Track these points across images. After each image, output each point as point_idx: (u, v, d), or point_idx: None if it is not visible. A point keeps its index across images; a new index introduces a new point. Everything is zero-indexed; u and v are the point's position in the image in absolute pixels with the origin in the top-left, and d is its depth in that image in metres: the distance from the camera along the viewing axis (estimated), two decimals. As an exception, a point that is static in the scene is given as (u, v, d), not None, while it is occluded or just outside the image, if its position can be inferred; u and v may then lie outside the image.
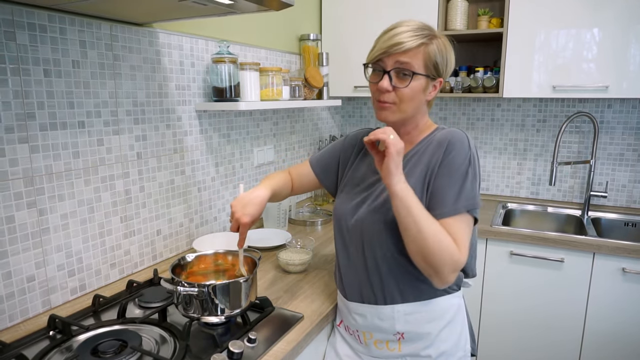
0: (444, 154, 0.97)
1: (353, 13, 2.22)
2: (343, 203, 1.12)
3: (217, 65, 1.49)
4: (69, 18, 1.13)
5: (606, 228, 2.09)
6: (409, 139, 1.07)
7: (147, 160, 1.40)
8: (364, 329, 1.09)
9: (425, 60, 0.97)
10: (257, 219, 1.11)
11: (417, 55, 0.97)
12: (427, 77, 0.99)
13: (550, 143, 2.27)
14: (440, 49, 0.99)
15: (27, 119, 1.07)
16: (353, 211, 1.08)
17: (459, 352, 1.08)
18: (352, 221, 1.07)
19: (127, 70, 1.30)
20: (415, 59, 0.97)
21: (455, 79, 2.17)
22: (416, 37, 0.96)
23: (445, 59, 1.00)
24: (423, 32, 0.97)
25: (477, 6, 2.24)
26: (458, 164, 0.96)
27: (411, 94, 0.98)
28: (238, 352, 0.93)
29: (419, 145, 1.05)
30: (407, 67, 0.97)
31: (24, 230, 1.09)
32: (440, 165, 0.97)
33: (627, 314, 1.73)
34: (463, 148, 0.97)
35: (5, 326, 1.07)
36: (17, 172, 1.06)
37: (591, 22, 1.82)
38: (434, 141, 1.01)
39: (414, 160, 1.03)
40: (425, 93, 1.01)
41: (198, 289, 0.99)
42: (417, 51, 0.96)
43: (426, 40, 0.97)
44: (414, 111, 1.02)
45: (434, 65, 0.98)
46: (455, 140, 0.98)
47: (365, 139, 0.92)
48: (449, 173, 0.96)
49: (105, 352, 0.94)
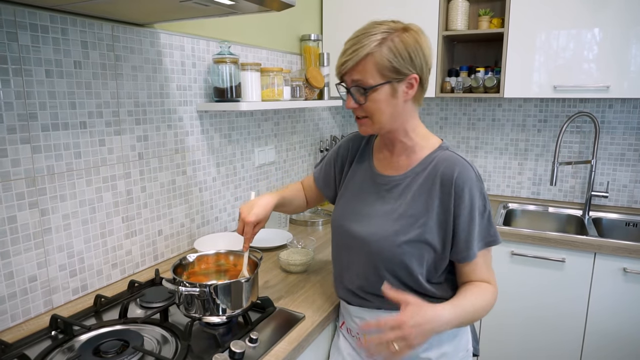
0: (456, 194, 0.94)
1: (354, 13, 2.22)
2: (343, 210, 1.11)
3: (218, 66, 1.49)
4: (70, 18, 1.13)
5: (607, 228, 2.09)
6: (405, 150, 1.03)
7: (149, 161, 1.41)
8: (365, 332, 1.09)
9: (378, 68, 0.91)
10: (262, 222, 1.12)
11: (366, 67, 0.91)
12: (389, 82, 0.92)
13: (551, 143, 2.27)
14: (397, 47, 0.90)
15: (29, 120, 1.07)
16: (355, 220, 1.06)
17: (460, 352, 1.08)
18: (357, 231, 1.04)
19: (129, 70, 1.30)
20: (365, 72, 0.91)
21: (456, 79, 2.17)
22: (360, 48, 0.90)
23: (408, 53, 0.91)
24: (369, 39, 0.90)
25: (478, 6, 2.24)
26: (474, 203, 0.95)
27: (376, 106, 0.94)
28: (240, 352, 0.93)
29: (421, 165, 1.00)
30: (360, 83, 0.93)
31: (26, 231, 1.09)
32: (456, 208, 0.95)
33: (628, 314, 1.73)
34: (473, 184, 0.95)
35: (8, 326, 1.07)
36: (19, 172, 1.06)
37: (592, 23, 1.82)
38: (439, 169, 0.97)
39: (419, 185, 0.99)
40: (396, 97, 0.94)
41: (199, 289, 0.99)
42: (364, 63, 0.91)
43: (372, 48, 0.90)
44: (392, 119, 0.97)
45: (390, 69, 0.91)
46: (464, 177, 0.94)
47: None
48: (469, 217, 0.95)
49: (107, 352, 0.94)
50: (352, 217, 1.07)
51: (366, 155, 1.12)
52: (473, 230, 0.95)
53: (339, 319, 1.21)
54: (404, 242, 0.97)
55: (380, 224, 1.01)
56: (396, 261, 0.98)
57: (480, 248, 0.97)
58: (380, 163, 1.08)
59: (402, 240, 0.97)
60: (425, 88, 0.99)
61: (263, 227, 1.14)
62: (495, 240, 0.99)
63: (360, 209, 1.06)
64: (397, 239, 0.98)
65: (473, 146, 2.45)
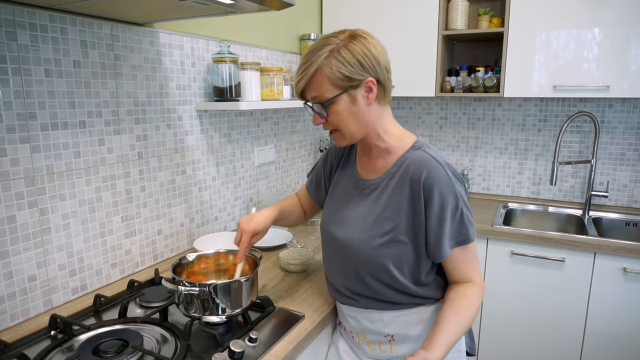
0: (425, 195, 0.94)
1: (354, 13, 2.22)
2: (328, 215, 1.12)
3: (217, 65, 1.49)
4: (70, 18, 1.13)
5: (607, 228, 2.09)
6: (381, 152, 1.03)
7: (148, 160, 1.41)
8: (357, 331, 1.10)
9: (331, 80, 0.91)
10: (260, 233, 1.12)
11: (319, 83, 0.92)
12: (345, 92, 0.92)
13: (551, 143, 2.27)
14: (344, 56, 0.90)
15: (29, 119, 1.07)
16: (338, 224, 1.07)
17: (453, 352, 1.07)
18: (339, 235, 1.06)
19: (128, 70, 1.30)
20: (320, 88, 0.93)
21: (456, 79, 2.17)
22: (310, 65, 0.92)
23: (356, 59, 0.91)
24: (317, 54, 0.91)
25: (478, 6, 2.24)
26: (444, 203, 0.93)
27: (339, 117, 0.95)
28: (239, 352, 0.93)
29: (395, 166, 1.00)
30: (318, 99, 0.94)
31: (25, 230, 1.09)
32: (426, 209, 0.94)
33: (628, 314, 1.73)
34: (442, 184, 0.93)
35: (7, 326, 1.07)
36: (19, 172, 1.06)
37: (592, 22, 1.82)
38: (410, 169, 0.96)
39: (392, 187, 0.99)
40: (356, 104, 0.94)
41: (199, 288, 0.99)
42: (316, 79, 0.92)
43: (320, 62, 0.91)
44: (360, 126, 0.97)
45: (343, 79, 0.91)
46: (432, 178, 0.93)
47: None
48: (439, 215, 0.94)
49: (106, 351, 0.94)
50: (336, 222, 1.08)
51: (350, 160, 1.14)
52: (443, 230, 0.94)
53: (338, 319, 1.21)
54: (379, 245, 0.98)
55: (358, 227, 1.02)
56: (374, 263, 0.99)
57: (452, 247, 0.96)
58: (362, 167, 1.09)
59: (378, 243, 0.98)
60: (387, 87, 0.98)
61: (260, 239, 1.14)
62: (468, 238, 0.97)
63: (343, 213, 1.07)
64: (373, 241, 0.99)
65: (473, 146, 2.45)
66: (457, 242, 0.97)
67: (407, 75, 2.15)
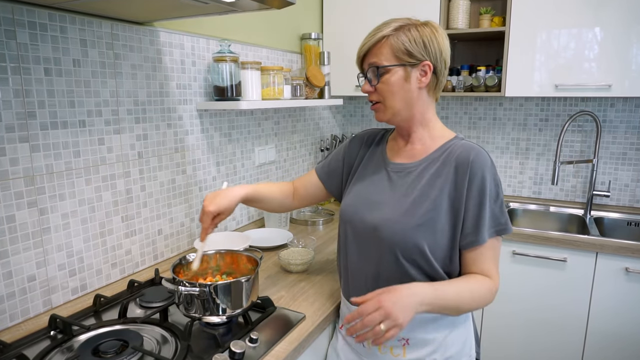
0: (470, 176, 0.95)
1: (354, 12, 2.21)
2: (354, 201, 1.09)
3: (218, 64, 1.49)
4: (69, 17, 1.12)
5: (609, 227, 2.08)
6: (420, 140, 1.05)
7: (148, 160, 1.40)
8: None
9: (393, 50, 0.96)
10: (224, 214, 1.09)
11: (381, 50, 0.97)
12: (402, 65, 0.97)
13: (553, 142, 2.27)
14: (414, 35, 0.96)
15: (28, 118, 1.06)
16: (368, 208, 1.04)
17: (464, 357, 1.06)
18: (366, 219, 1.03)
19: (128, 69, 1.30)
20: (380, 55, 0.98)
21: (457, 78, 2.16)
22: (378, 33, 0.98)
23: (422, 41, 0.97)
24: (388, 25, 0.98)
25: (479, 5, 2.23)
26: (487, 187, 0.95)
27: (389, 88, 0.98)
28: (240, 352, 0.92)
29: (437, 152, 1.02)
30: (375, 64, 0.99)
31: (25, 230, 1.08)
32: (469, 190, 0.95)
33: (630, 314, 1.73)
34: (488, 170, 0.96)
35: (6, 326, 1.07)
36: (18, 171, 1.05)
37: (593, 22, 1.81)
38: (454, 154, 0.98)
39: (434, 170, 1.00)
40: (409, 82, 0.98)
41: (199, 288, 0.98)
42: (380, 46, 0.98)
43: (389, 32, 0.97)
44: (404, 105, 1.00)
45: (405, 52, 0.96)
46: (480, 160, 0.96)
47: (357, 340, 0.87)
48: (480, 201, 0.95)
49: (106, 352, 0.93)
50: (364, 207, 1.06)
51: (379, 148, 1.13)
52: (483, 214, 0.95)
53: (338, 321, 1.20)
54: (417, 225, 0.96)
55: (393, 210, 1.00)
56: (410, 245, 0.97)
57: (491, 235, 0.96)
58: (393, 152, 1.09)
59: (415, 223, 0.96)
60: (440, 81, 1.02)
61: (224, 219, 1.11)
62: (506, 229, 0.98)
63: (372, 197, 1.06)
64: (410, 221, 0.97)
65: (474, 145, 2.44)
66: (496, 230, 0.97)
67: (408, 74, 2.15)
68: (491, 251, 0.97)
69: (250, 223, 1.92)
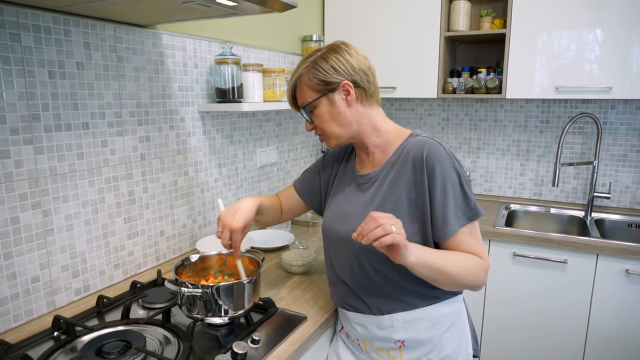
0: (428, 172, 0.96)
1: (355, 14, 2.22)
2: (329, 217, 1.12)
3: (220, 67, 1.50)
4: (73, 20, 1.13)
5: (609, 229, 2.08)
6: (378, 147, 1.06)
7: (151, 162, 1.41)
8: (364, 338, 1.08)
9: (310, 87, 1.01)
10: (248, 226, 1.07)
11: (302, 90, 1.03)
12: (324, 95, 1.01)
13: (553, 144, 2.27)
14: (320, 64, 1.00)
15: (32, 121, 1.07)
16: (341, 221, 1.07)
17: (461, 355, 1.07)
18: (340, 231, 1.05)
19: (131, 71, 1.31)
20: (303, 95, 1.03)
21: (458, 80, 2.17)
22: (294, 75, 1.04)
23: (330, 66, 0.99)
24: (301, 65, 1.03)
25: (480, 7, 2.24)
26: (447, 178, 0.95)
27: (321, 120, 1.03)
28: (242, 353, 0.93)
29: (395, 155, 1.03)
30: (303, 104, 1.04)
31: (29, 231, 1.09)
32: (430, 185, 0.96)
33: (631, 316, 1.73)
34: (444, 159, 0.96)
35: (10, 327, 1.08)
36: (22, 173, 1.06)
37: (594, 23, 1.82)
38: (410, 153, 0.99)
39: (394, 173, 1.01)
40: (335, 106, 1.01)
41: (202, 290, 0.99)
42: (300, 87, 1.03)
43: (301, 71, 1.02)
44: (342, 127, 1.02)
45: (319, 82, 1.00)
46: (433, 154, 0.96)
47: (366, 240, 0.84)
48: (443, 194, 0.95)
49: (109, 352, 0.94)
50: (338, 219, 1.08)
51: (350, 162, 1.16)
52: (448, 206, 0.95)
53: (338, 324, 1.21)
54: None
55: (359, 218, 1.00)
56: (378, 252, 0.95)
57: (462, 224, 0.96)
58: (360, 165, 1.12)
59: None
60: (367, 88, 1.03)
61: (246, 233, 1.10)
62: (477, 213, 0.97)
63: (346, 210, 1.08)
64: None
65: (475, 147, 2.45)
66: (467, 217, 0.96)
67: (409, 76, 2.16)
68: (469, 237, 0.97)
69: (252, 224, 1.93)
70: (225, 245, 1.04)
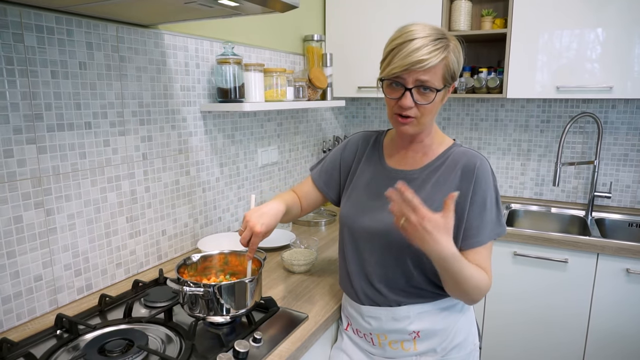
0: (475, 186, 0.99)
1: (357, 14, 2.22)
2: (352, 208, 1.11)
3: (221, 67, 1.50)
4: (75, 20, 1.14)
5: (610, 229, 2.09)
6: (423, 147, 1.07)
7: (153, 161, 1.41)
8: (378, 332, 1.08)
9: (444, 73, 0.95)
10: (270, 232, 1.07)
11: (438, 71, 0.94)
12: (445, 88, 0.98)
13: (554, 144, 2.27)
14: (456, 55, 0.97)
15: (35, 120, 1.08)
16: (369, 214, 1.06)
17: (469, 345, 1.09)
18: (368, 225, 1.05)
19: (133, 71, 1.31)
20: (435, 76, 0.94)
21: (459, 80, 2.17)
22: (436, 51, 0.92)
23: (459, 63, 0.99)
24: (441, 43, 0.93)
25: (481, 7, 2.24)
26: (488, 197, 1.00)
27: (432, 108, 0.98)
28: (243, 352, 0.93)
29: (439, 160, 1.05)
30: (428, 84, 0.94)
31: (32, 230, 1.10)
32: (473, 197, 0.99)
33: (631, 315, 1.73)
34: (489, 176, 1.01)
35: (13, 325, 1.08)
36: (25, 172, 1.07)
37: (595, 22, 1.82)
38: (459, 162, 1.02)
39: (438, 177, 1.03)
40: (442, 101, 1.02)
41: (204, 289, 0.99)
42: (439, 67, 0.94)
43: (446, 53, 0.94)
44: (432, 121, 1.04)
45: (451, 75, 0.98)
46: (484, 168, 1.00)
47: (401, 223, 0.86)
48: (482, 206, 0.99)
49: (112, 351, 0.94)
50: (364, 213, 1.07)
51: (375, 154, 1.14)
52: (485, 218, 0.99)
53: (342, 322, 1.21)
54: None
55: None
56: (417, 248, 0.94)
57: (490, 238, 1.00)
58: (392, 160, 1.11)
59: None
60: None
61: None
62: (503, 231, 1.03)
63: (373, 203, 1.07)
64: None
65: (476, 146, 2.45)
66: (495, 233, 1.01)
67: (410, 76, 2.16)
68: (487, 251, 1.01)
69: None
70: (244, 244, 1.04)
